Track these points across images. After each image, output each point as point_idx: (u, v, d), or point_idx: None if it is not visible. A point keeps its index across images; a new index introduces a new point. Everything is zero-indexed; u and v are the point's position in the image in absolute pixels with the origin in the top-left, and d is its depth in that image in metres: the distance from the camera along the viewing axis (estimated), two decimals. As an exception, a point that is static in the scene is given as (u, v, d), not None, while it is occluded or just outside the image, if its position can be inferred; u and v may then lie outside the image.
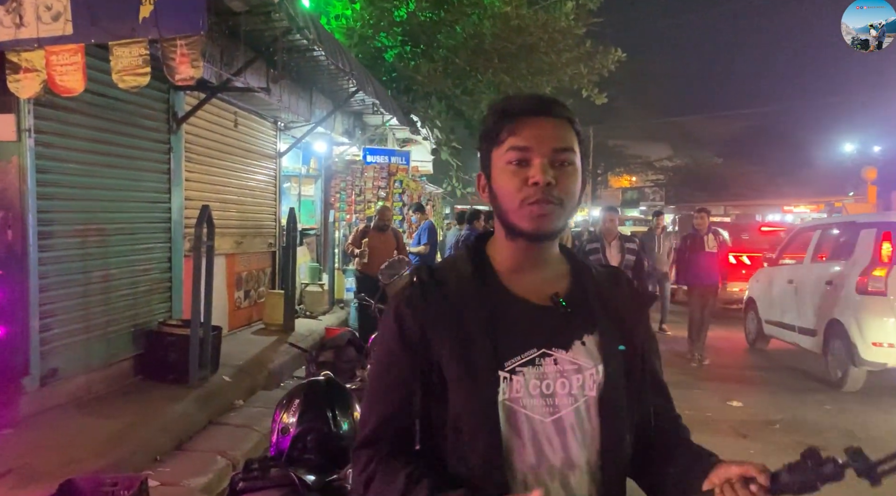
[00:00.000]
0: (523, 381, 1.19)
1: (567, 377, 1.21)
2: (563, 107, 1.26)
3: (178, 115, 6.40)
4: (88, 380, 5.27)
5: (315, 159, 11.65)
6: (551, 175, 1.19)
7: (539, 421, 1.20)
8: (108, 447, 4.23)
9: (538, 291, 1.26)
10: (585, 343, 1.24)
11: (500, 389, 1.18)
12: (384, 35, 12.32)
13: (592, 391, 1.22)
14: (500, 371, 1.19)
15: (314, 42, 6.26)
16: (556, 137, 1.22)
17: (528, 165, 1.20)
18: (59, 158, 4.97)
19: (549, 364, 1.21)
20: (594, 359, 1.23)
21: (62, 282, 5.04)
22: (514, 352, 1.20)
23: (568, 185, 1.21)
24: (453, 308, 1.22)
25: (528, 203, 1.19)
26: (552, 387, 1.20)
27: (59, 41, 4.15)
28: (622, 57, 13.45)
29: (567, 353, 1.22)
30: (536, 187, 1.18)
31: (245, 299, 8.48)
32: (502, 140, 1.23)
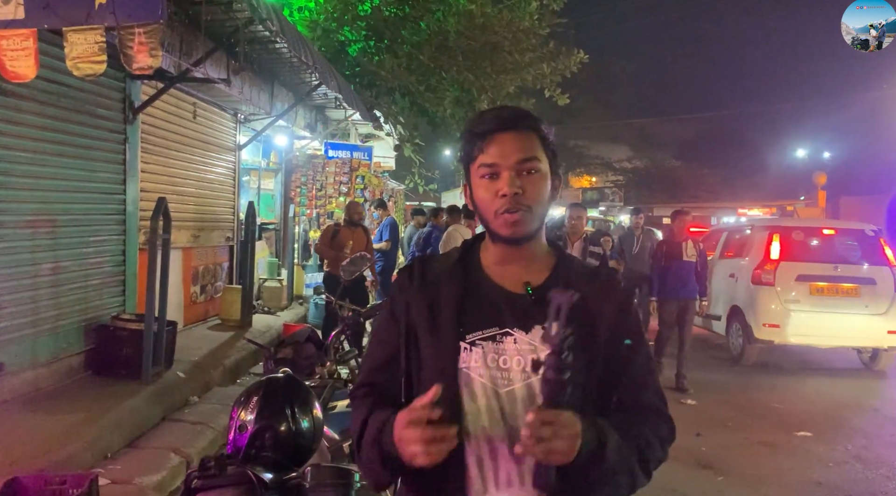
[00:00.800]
0: (482, 353, 1.37)
1: (523, 355, 1.35)
2: (527, 118, 1.41)
3: (135, 105, 6.26)
4: (36, 375, 5.12)
5: (275, 153, 11.51)
6: (518, 185, 1.35)
7: (492, 389, 1.35)
8: (57, 444, 4.11)
9: (515, 280, 1.42)
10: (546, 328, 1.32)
11: (458, 357, 1.36)
12: (348, 29, 12.22)
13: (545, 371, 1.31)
14: (462, 341, 1.37)
15: (276, 34, 6.18)
16: (520, 149, 1.37)
17: (499, 178, 1.37)
18: (9, 147, 4.81)
19: (509, 342, 1.37)
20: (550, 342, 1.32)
21: (10, 274, 4.88)
22: (478, 327, 1.38)
23: (535, 191, 1.37)
24: (432, 286, 1.44)
25: (501, 212, 1.36)
26: (508, 363, 1.36)
27: (10, 25, 4.01)
28: (584, 58, 13.58)
29: (526, 335, 1.37)
30: (505, 198, 1.35)
31: (201, 294, 8.34)
32: (475, 157, 1.40)
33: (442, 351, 1.38)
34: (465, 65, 12.94)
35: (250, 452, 2.34)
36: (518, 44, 12.98)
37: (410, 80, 12.47)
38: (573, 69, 13.63)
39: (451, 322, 1.39)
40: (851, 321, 8.20)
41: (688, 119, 42.76)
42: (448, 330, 1.39)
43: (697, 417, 6.29)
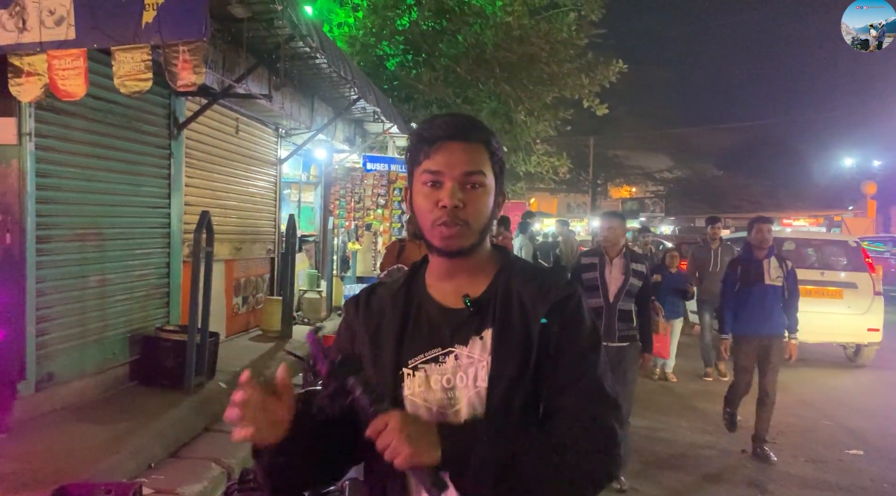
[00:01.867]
0: (424, 377, 1.32)
1: (465, 370, 1.31)
2: (478, 130, 1.35)
3: (179, 121, 6.40)
4: (84, 385, 5.25)
5: (315, 166, 11.65)
6: (459, 198, 1.30)
7: (438, 412, 1.30)
8: (103, 453, 4.20)
9: (454, 295, 1.37)
10: (483, 337, 1.32)
11: (402, 385, 1.32)
12: (386, 44, 12.35)
13: (484, 382, 1.29)
14: (404, 368, 1.33)
15: (316, 50, 6.27)
16: (466, 161, 1.32)
17: (441, 188, 1.31)
18: (60, 162, 4.96)
19: (450, 360, 1.32)
20: (486, 352, 1.31)
21: (60, 286, 5.02)
22: (419, 351, 1.34)
23: (475, 207, 1.32)
24: (376, 316, 1.41)
25: (437, 224, 1.31)
26: (452, 381, 1.31)
27: (62, 45, 4.15)
28: (623, 68, 13.49)
29: (465, 348, 1.32)
30: (444, 210, 1.30)
31: (243, 305, 8.46)
32: (420, 162, 1.34)
33: (383, 382, 1.32)
34: (503, 77, 12.96)
35: (289, 465, 2.35)
36: (555, 55, 12.95)
37: (447, 92, 12.54)
38: (612, 79, 13.54)
39: (390, 351, 1.35)
40: (836, 320, 9.12)
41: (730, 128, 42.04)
42: (388, 359, 1.35)
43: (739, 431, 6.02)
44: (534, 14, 13.09)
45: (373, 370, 1.34)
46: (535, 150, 15.40)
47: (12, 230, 4.56)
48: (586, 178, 42.23)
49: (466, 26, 12.35)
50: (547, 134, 15.28)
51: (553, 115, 14.62)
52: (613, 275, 4.97)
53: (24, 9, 4.13)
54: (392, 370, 1.34)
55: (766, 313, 5.61)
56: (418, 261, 1.49)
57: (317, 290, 10.32)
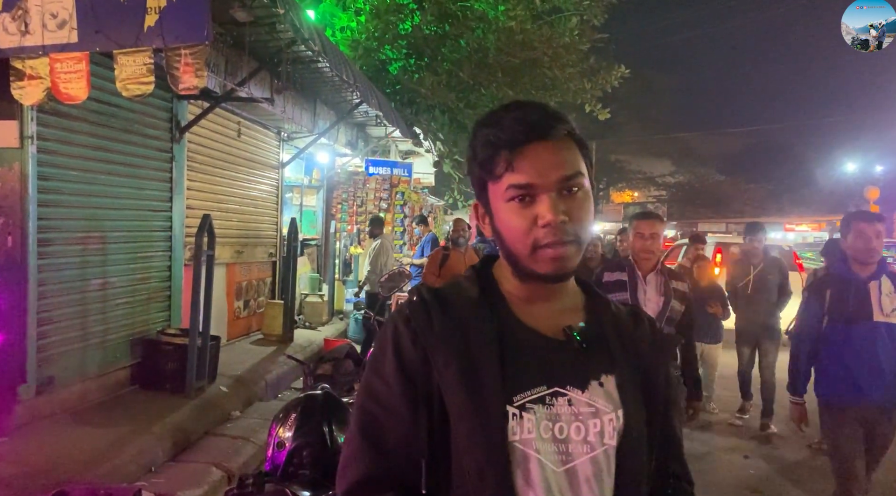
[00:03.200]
0: (534, 420, 1.04)
1: (583, 421, 1.06)
2: (562, 120, 1.09)
3: (181, 124, 6.41)
4: (85, 388, 5.24)
5: (317, 170, 11.67)
6: (562, 210, 1.05)
7: (551, 469, 1.04)
8: (103, 456, 4.19)
9: (550, 323, 1.12)
10: (603, 384, 1.09)
11: (509, 427, 1.03)
12: (389, 48, 12.36)
13: (612, 439, 1.07)
14: (510, 405, 1.04)
15: (319, 53, 6.28)
16: (561, 164, 1.06)
17: (535, 201, 1.06)
18: (61, 166, 4.97)
19: (562, 404, 1.06)
20: (613, 403, 1.08)
21: (61, 289, 5.02)
22: (523, 387, 1.05)
23: (582, 216, 1.07)
24: (458, 330, 1.07)
25: (541, 246, 1.05)
26: (566, 432, 1.05)
27: (64, 49, 4.16)
28: (625, 73, 13.49)
29: (583, 394, 1.07)
30: (548, 228, 1.04)
31: (244, 309, 8.46)
32: (498, 175, 1.07)
33: (488, 418, 1.02)
34: (505, 81, 12.96)
35: (288, 470, 2.34)
36: (558, 59, 12.95)
37: (450, 96, 12.54)
38: (614, 84, 13.54)
39: (495, 378, 1.03)
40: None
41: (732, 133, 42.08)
42: (493, 389, 1.03)
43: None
44: (536, 19, 13.10)
45: (466, 405, 1.03)
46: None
47: (14, 233, 4.56)
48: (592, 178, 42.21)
49: (469, 31, 12.37)
50: (549, 138, 15.24)
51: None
52: (649, 298, 3.58)
53: (26, 12, 4.14)
54: (497, 407, 1.03)
55: (876, 367, 3.42)
56: (482, 270, 1.20)
57: (318, 294, 10.32)
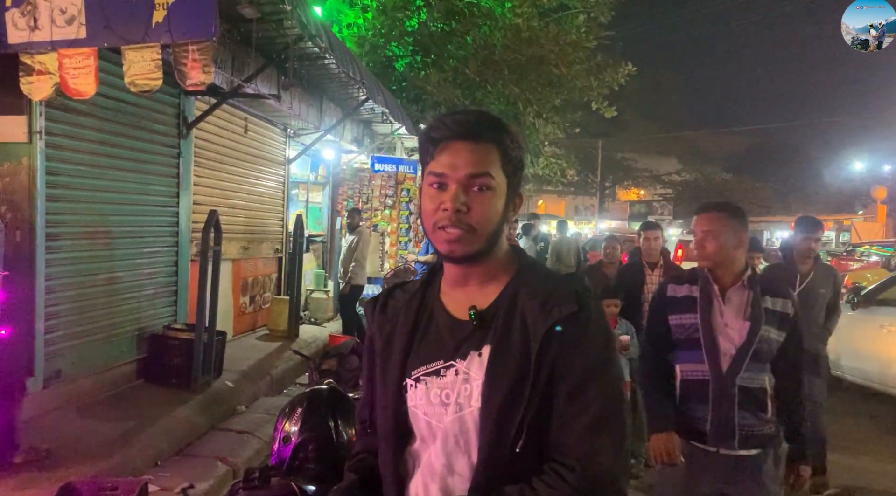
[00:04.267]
0: (425, 389, 1.29)
1: (461, 385, 1.26)
2: (490, 128, 1.27)
3: (189, 120, 6.43)
4: (92, 382, 5.27)
5: (323, 166, 11.68)
6: (462, 201, 1.23)
7: (435, 425, 1.28)
8: (110, 450, 4.22)
9: (464, 305, 1.31)
10: (481, 354, 1.25)
11: (407, 396, 1.31)
12: (395, 45, 12.37)
13: (477, 402, 1.23)
14: (408, 379, 1.31)
15: (325, 50, 6.28)
16: (472, 162, 1.24)
17: (445, 190, 1.25)
18: (69, 161, 4.99)
19: (451, 374, 1.27)
20: (482, 371, 1.24)
21: (68, 284, 5.05)
22: (423, 362, 1.30)
23: (481, 210, 1.25)
24: (392, 319, 1.38)
25: (438, 227, 1.25)
26: (450, 397, 1.27)
27: (73, 44, 4.18)
28: (632, 70, 13.47)
29: (464, 363, 1.27)
30: (446, 213, 1.24)
31: (250, 304, 8.48)
32: (427, 162, 1.29)
33: (387, 391, 1.34)
34: (511, 78, 12.96)
35: (294, 464, 2.36)
36: (564, 57, 12.94)
37: (456, 93, 12.54)
38: (620, 82, 13.52)
39: (398, 360, 1.33)
40: None
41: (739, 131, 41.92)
42: (395, 368, 1.33)
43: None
44: (543, 16, 13.09)
45: (380, 377, 1.36)
46: (544, 153, 15.40)
47: (22, 228, 4.59)
48: (594, 180, 42.17)
49: (475, 28, 12.36)
50: (555, 136, 15.28)
51: (561, 118, 14.63)
52: (727, 322, 2.67)
53: (35, 7, 4.16)
54: (397, 381, 1.32)
55: None
56: (435, 265, 1.42)
57: (324, 290, 10.34)
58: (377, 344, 1.39)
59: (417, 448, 1.32)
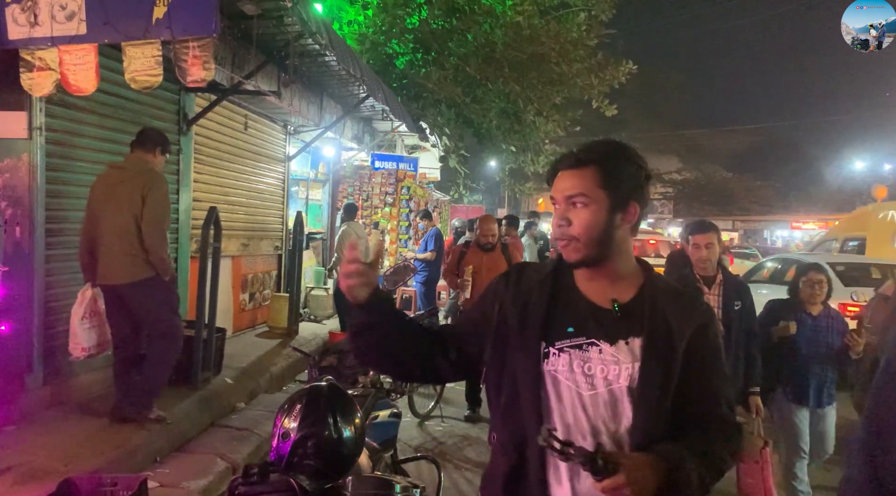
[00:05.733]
0: (568, 359, 1.53)
1: (606, 365, 1.52)
2: (594, 152, 1.56)
3: (189, 117, 6.43)
4: (91, 379, 5.27)
5: (323, 164, 11.68)
6: (565, 218, 1.55)
7: (577, 392, 1.52)
8: (109, 446, 4.22)
9: (603, 296, 1.58)
10: (629, 343, 1.53)
11: (546, 361, 1.54)
12: (396, 42, 12.35)
13: (626, 382, 1.50)
14: (550, 347, 1.55)
15: (326, 47, 6.28)
16: (570, 187, 1.56)
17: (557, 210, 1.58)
18: (69, 157, 4.99)
19: (594, 351, 1.53)
20: (633, 358, 1.51)
21: (68, 280, 5.04)
22: (566, 336, 1.55)
23: (579, 223, 1.54)
24: (525, 293, 1.62)
25: (556, 239, 1.59)
26: (593, 370, 1.52)
27: (73, 41, 4.18)
28: (633, 69, 13.45)
29: (611, 347, 1.53)
30: (556, 230, 1.58)
31: (250, 301, 8.49)
32: (550, 189, 1.62)
33: (528, 352, 1.55)
34: (512, 76, 12.94)
35: (293, 460, 2.35)
36: (565, 55, 12.93)
37: (457, 91, 12.53)
38: (621, 80, 13.50)
39: (537, 326, 1.56)
40: None
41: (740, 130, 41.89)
42: (534, 333, 1.56)
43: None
44: (544, 14, 13.07)
45: (518, 339, 1.58)
46: (544, 151, 15.38)
47: (22, 223, 4.59)
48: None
49: (476, 25, 12.34)
50: (556, 134, 15.26)
51: (562, 116, 14.61)
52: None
53: (35, 3, 4.16)
54: (536, 344, 1.55)
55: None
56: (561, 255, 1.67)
57: (323, 288, 10.34)
58: (510, 312, 1.61)
59: (552, 406, 1.53)
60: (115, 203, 4.40)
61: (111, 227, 4.41)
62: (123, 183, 4.42)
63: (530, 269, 1.70)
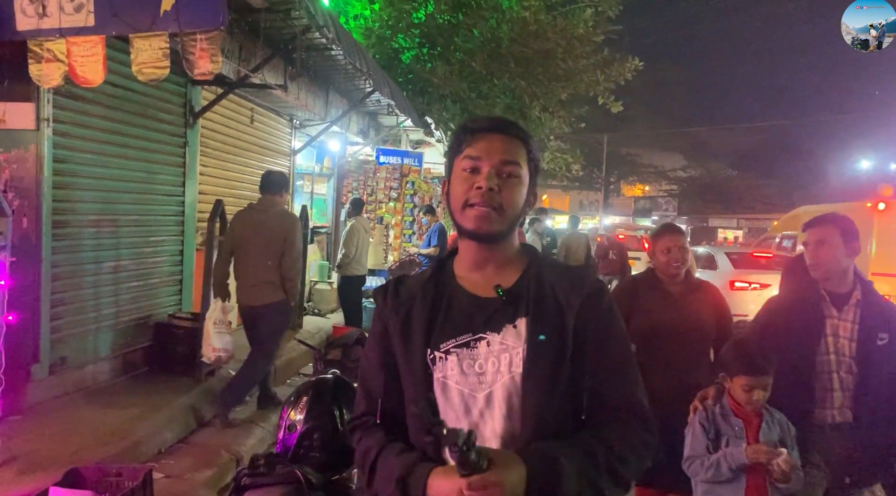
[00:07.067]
0: (456, 361, 1.39)
1: (496, 356, 1.38)
2: (517, 127, 1.47)
3: (195, 110, 6.43)
4: (96, 369, 5.30)
5: (329, 158, 11.69)
6: (495, 182, 1.39)
7: (470, 395, 1.38)
8: (114, 437, 4.24)
9: (486, 285, 1.44)
10: (517, 326, 1.39)
11: (434, 368, 1.40)
12: (402, 36, 12.34)
13: (519, 368, 1.36)
14: (436, 351, 1.40)
15: (332, 41, 6.28)
16: (504, 151, 1.41)
17: (478, 173, 1.40)
18: (76, 149, 5.00)
19: (482, 346, 1.39)
20: (521, 340, 1.38)
21: (74, 271, 5.07)
22: (450, 336, 1.41)
23: (509, 194, 1.40)
24: (404, 303, 1.47)
25: (470, 203, 1.39)
26: (484, 367, 1.38)
27: (81, 32, 4.18)
28: (639, 65, 13.42)
29: (498, 336, 1.39)
30: (479, 191, 1.38)
31: (254, 295, 8.49)
32: (461, 150, 1.43)
33: (414, 362, 1.41)
34: (518, 72, 12.92)
35: (299, 452, 2.37)
36: (571, 51, 12.90)
37: (462, 87, 12.51)
38: (627, 76, 13.48)
39: (421, 336, 1.42)
40: None
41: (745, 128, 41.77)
42: (418, 343, 1.42)
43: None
44: (550, 9, 13.04)
45: (404, 355, 1.43)
46: (549, 147, 15.37)
47: (29, 215, 4.61)
48: (599, 175, 42.11)
49: (482, 20, 12.32)
50: (561, 130, 15.26)
51: (567, 112, 14.60)
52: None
53: (44, -5, 4.16)
54: (422, 353, 1.41)
55: None
56: (444, 255, 1.57)
57: (327, 282, 10.36)
58: (393, 326, 1.46)
59: (448, 417, 1.37)
60: (263, 241, 5.10)
61: (259, 259, 5.10)
62: (267, 224, 5.13)
63: (409, 279, 1.55)
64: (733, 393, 2.58)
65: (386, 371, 1.48)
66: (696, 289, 3.18)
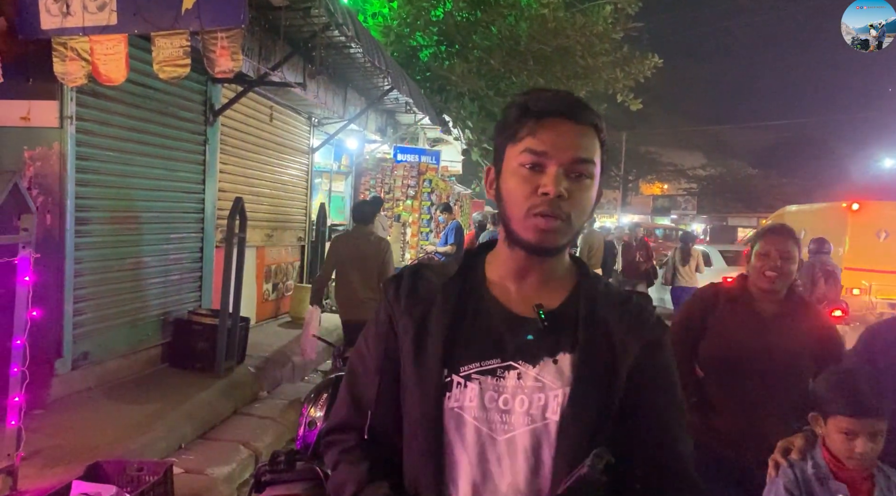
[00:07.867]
0: (478, 390, 1.11)
1: (528, 395, 1.11)
2: (592, 111, 1.15)
3: (215, 108, 6.47)
4: (118, 365, 5.35)
5: (346, 156, 11.71)
6: (564, 187, 1.09)
7: (489, 435, 1.11)
8: (135, 432, 4.28)
9: (524, 301, 1.17)
10: (558, 362, 1.13)
11: (448, 394, 1.12)
12: (420, 34, 12.34)
13: (556, 415, 1.10)
14: (455, 374, 1.12)
15: (351, 39, 6.29)
16: (578, 146, 1.11)
17: (542, 172, 1.10)
18: (99, 146, 5.05)
19: (511, 378, 1.12)
20: (563, 381, 1.11)
21: (97, 267, 5.12)
22: (475, 358, 1.13)
23: (580, 200, 1.12)
24: (422, 304, 1.18)
25: (533, 213, 1.10)
26: (510, 404, 1.11)
27: (104, 31, 4.22)
28: (658, 63, 13.31)
29: (533, 369, 1.12)
30: (546, 198, 1.09)
31: (273, 292, 8.55)
32: (520, 138, 1.13)
33: (424, 382, 1.13)
34: (536, 69, 12.87)
35: (318, 448, 2.37)
36: (590, 48, 12.82)
37: (480, 84, 12.49)
38: (647, 74, 13.37)
39: (438, 348, 1.13)
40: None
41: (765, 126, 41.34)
42: (433, 358, 1.13)
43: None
44: (569, 6, 12.97)
45: (412, 371, 1.14)
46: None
47: (52, 211, 4.66)
48: (617, 173, 41.86)
49: (501, 18, 12.29)
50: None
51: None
52: None
53: (68, -6, 4.20)
54: (437, 373, 1.12)
55: None
56: (473, 250, 1.29)
57: (345, 279, 10.37)
58: (403, 328, 1.17)
59: (456, 457, 1.12)
60: (364, 263, 5.47)
61: (361, 279, 5.45)
62: (367, 248, 5.51)
63: (429, 271, 1.24)
64: (829, 442, 1.89)
65: (382, 377, 1.19)
66: (796, 311, 2.49)
